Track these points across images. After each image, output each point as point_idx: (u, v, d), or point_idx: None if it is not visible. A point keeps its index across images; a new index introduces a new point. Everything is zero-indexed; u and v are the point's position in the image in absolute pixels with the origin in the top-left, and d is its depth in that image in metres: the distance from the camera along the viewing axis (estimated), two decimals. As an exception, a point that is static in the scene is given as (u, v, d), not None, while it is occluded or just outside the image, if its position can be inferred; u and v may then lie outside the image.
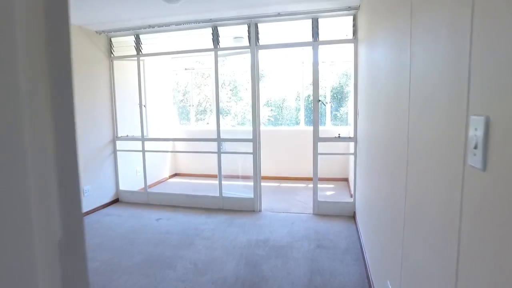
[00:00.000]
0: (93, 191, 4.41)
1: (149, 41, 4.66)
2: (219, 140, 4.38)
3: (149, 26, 4.13)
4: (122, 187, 4.93)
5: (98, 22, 4.01)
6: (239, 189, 4.72)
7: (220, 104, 4.43)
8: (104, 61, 4.57)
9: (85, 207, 4.28)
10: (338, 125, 6.42)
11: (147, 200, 4.77)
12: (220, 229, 3.69)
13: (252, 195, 4.29)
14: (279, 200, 4.76)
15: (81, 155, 4.21)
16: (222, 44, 4.29)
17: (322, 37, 3.91)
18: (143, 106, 4.75)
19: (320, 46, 3.88)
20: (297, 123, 6.57)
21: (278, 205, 4.52)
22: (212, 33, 4.18)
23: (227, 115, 10.40)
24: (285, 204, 4.58)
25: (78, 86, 4.16)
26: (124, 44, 4.66)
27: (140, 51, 4.54)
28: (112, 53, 4.63)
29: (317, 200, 4.07)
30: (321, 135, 3.96)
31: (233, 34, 4.70)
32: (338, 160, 5.61)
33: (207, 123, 8.85)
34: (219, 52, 4.28)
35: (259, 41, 4.08)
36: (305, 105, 6.41)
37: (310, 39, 3.93)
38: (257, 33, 4.04)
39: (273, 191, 5.32)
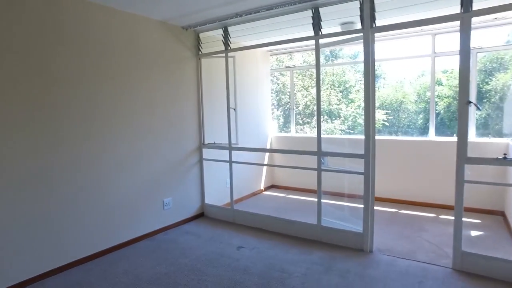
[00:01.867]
0: (175, 203, 3.95)
1: (239, 33, 4.00)
2: (319, 154, 3.40)
3: (236, 15, 3.44)
4: (208, 200, 4.40)
5: (182, 15, 3.50)
6: (344, 216, 3.68)
7: (329, 107, 3.45)
8: (191, 60, 4.09)
9: (165, 222, 3.84)
10: (489, 136, 4.72)
11: (233, 219, 4.11)
12: (313, 277, 2.73)
13: (361, 228, 3.19)
14: (398, 236, 3.52)
15: (163, 164, 3.79)
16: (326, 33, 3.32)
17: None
18: (232, 110, 4.11)
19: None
20: (424, 133, 5.07)
21: (397, 245, 3.29)
22: (312, 16, 3.24)
23: (336, 119, 9.33)
24: (407, 243, 3.33)
25: (163, 88, 3.75)
26: (212, 39, 4.10)
27: (229, 45, 3.91)
28: (200, 50, 4.13)
29: (460, 249, 2.73)
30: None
31: (340, 19, 3.70)
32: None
33: (314, 127, 7.96)
34: (322, 41, 3.31)
35: (376, 21, 2.97)
36: (427, 108, 4.88)
37: (452, 11, 2.64)
38: (372, 10, 2.94)
39: (390, 220, 4.07)
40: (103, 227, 3.21)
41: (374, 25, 2.96)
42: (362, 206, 3.18)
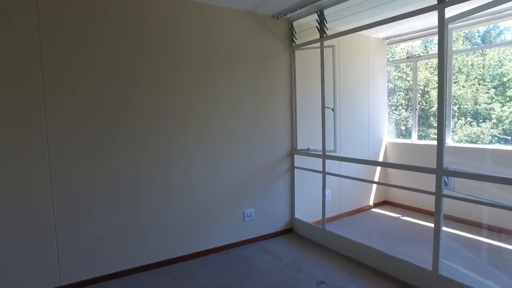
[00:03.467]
0: (257, 215, 3.52)
1: (338, 15, 3.22)
2: (439, 172, 2.41)
3: (330, -9, 2.75)
4: (299, 214, 3.81)
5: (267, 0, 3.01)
6: (479, 264, 2.58)
7: (476, 107, 2.49)
8: (284, 53, 3.57)
9: (244, 235, 3.45)
10: None
11: (323, 241, 3.42)
12: None
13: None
14: None
15: (247, 170, 3.41)
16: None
17: None
18: (329, 110, 3.43)
19: None
20: None
21: None
22: (435, -22, 2.30)
23: (484, 121, 7.44)
24: None
25: (251, 87, 3.40)
26: (306, 26, 3.48)
27: (325, 32, 3.22)
28: (293, 41, 3.57)
29: None
30: None
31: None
32: None
33: (452, 132, 6.43)
34: (448, 10, 2.32)
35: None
36: None
37: None
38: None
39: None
40: (177, 235, 3.05)
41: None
42: None
